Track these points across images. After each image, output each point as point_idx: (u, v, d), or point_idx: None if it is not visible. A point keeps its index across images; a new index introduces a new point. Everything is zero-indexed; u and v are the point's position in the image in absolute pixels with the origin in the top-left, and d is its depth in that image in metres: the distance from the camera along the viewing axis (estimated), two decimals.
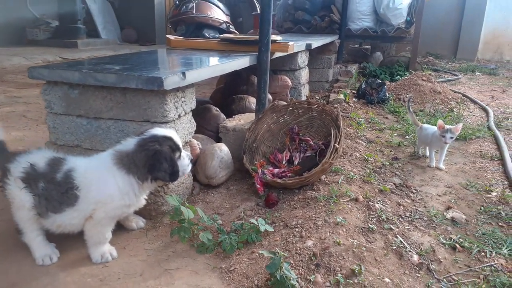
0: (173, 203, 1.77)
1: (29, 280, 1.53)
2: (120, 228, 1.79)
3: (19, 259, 1.65)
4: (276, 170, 2.40)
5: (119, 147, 1.64)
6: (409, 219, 2.00)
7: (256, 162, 2.48)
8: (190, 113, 2.19)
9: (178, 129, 2.04)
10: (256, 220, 1.81)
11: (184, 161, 1.72)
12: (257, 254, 1.67)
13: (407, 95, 4.46)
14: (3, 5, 9.12)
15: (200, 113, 2.82)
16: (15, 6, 9.42)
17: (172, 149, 1.64)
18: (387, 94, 4.49)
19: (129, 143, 1.62)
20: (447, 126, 2.57)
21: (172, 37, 3.36)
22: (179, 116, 2.03)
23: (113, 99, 1.95)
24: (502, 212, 2.10)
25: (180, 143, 1.69)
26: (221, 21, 7.24)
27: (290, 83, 3.87)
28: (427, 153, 2.83)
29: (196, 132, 2.31)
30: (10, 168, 1.57)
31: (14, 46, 8.78)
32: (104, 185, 1.56)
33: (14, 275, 1.55)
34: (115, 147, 1.66)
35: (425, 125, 2.85)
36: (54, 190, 1.54)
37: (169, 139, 1.63)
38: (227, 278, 1.57)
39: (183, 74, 1.91)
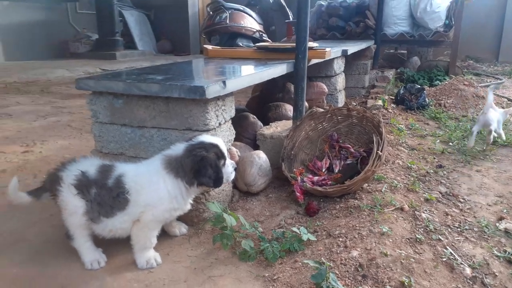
0: (215, 210, 1.78)
1: (78, 283, 1.58)
2: (163, 234, 1.81)
3: (68, 263, 1.70)
4: (315, 178, 2.37)
5: (168, 152, 1.69)
6: (459, 229, 1.91)
7: (295, 169, 2.45)
8: (230, 121, 2.20)
9: (218, 136, 2.05)
10: (298, 229, 1.79)
11: (228, 169, 1.74)
12: (300, 263, 1.64)
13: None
14: (47, 21, 9.64)
15: (237, 121, 2.83)
16: (58, 21, 9.94)
17: (218, 156, 1.67)
18: (427, 99, 4.35)
19: (178, 148, 1.67)
20: None
21: (209, 47, 3.41)
22: (220, 124, 2.05)
23: (156, 108, 1.99)
24: None
25: (225, 151, 1.73)
26: (254, 30, 7.30)
27: (326, 90, 3.83)
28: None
29: (234, 139, 2.32)
30: (62, 176, 1.64)
31: (57, 59, 9.24)
32: (154, 188, 1.61)
33: (63, 279, 1.60)
34: (164, 152, 1.71)
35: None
36: (106, 195, 1.60)
37: (215, 146, 1.67)
38: (270, 287, 1.54)
39: (224, 83, 1.93)
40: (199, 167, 1.61)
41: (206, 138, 1.70)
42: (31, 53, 9.09)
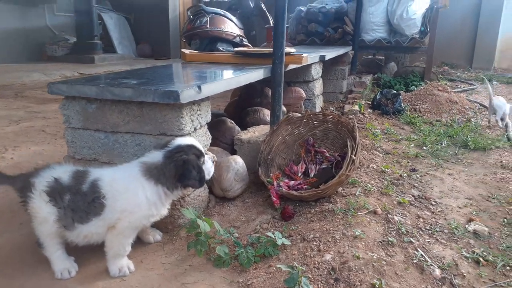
0: (189, 216, 1.77)
1: None
2: (137, 241, 1.78)
3: (38, 273, 1.66)
4: (291, 183, 2.38)
5: (145, 159, 1.67)
6: (430, 232, 1.95)
7: (271, 174, 2.46)
8: (206, 126, 2.20)
9: None
10: (273, 234, 1.79)
11: (208, 164, 1.76)
12: (274, 268, 1.65)
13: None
14: (24, 23, 9.42)
15: (215, 126, 2.83)
16: (35, 23, 9.73)
17: (197, 156, 1.69)
18: (402, 104, 4.45)
19: (155, 156, 1.66)
20: None
21: (187, 51, 3.40)
22: (195, 129, 2.04)
23: (130, 113, 1.97)
24: None
25: (202, 148, 1.75)
26: (235, 35, 7.33)
27: (304, 95, 3.87)
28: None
29: (211, 144, 2.31)
30: (34, 183, 1.59)
31: (34, 62, 9.04)
32: (132, 194, 1.59)
33: None
34: (140, 159, 1.68)
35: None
36: (81, 200, 1.56)
37: (193, 147, 1.69)
38: None
39: (199, 87, 1.93)
40: (183, 171, 1.62)
41: (181, 141, 1.70)
42: (6, 56, 8.86)
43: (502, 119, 3.86)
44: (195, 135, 2.05)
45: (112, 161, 2.05)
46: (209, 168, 1.77)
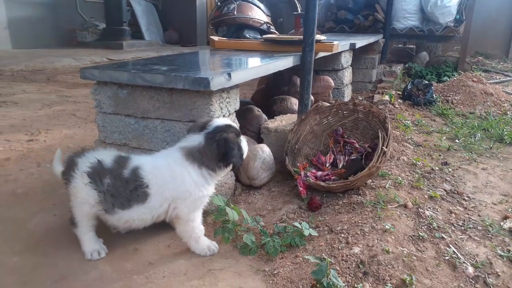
0: (218, 203, 1.77)
1: (78, 273, 1.58)
2: (164, 226, 1.80)
3: (69, 253, 1.70)
4: (319, 173, 2.35)
5: (184, 144, 1.66)
6: (462, 228, 1.89)
7: (298, 164, 2.44)
8: (234, 114, 2.19)
9: None
10: (300, 224, 1.78)
11: (244, 143, 1.75)
12: (301, 258, 1.63)
13: None
14: (55, 10, 9.63)
15: (242, 114, 2.82)
16: (66, 10, 9.93)
17: (236, 134, 1.70)
18: (434, 95, 4.30)
19: (194, 139, 1.65)
20: None
21: (215, 38, 3.39)
22: (224, 116, 2.03)
23: (160, 99, 1.98)
24: None
25: (238, 127, 1.77)
26: (262, 22, 7.25)
27: (333, 84, 3.79)
28: None
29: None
30: (78, 162, 1.61)
31: (64, 48, 9.25)
32: (180, 182, 1.60)
33: (63, 269, 1.61)
34: (180, 144, 1.68)
35: None
36: (122, 187, 1.57)
37: (230, 126, 1.69)
38: (270, 282, 1.54)
39: (229, 75, 1.91)
40: (225, 150, 1.62)
41: (219, 121, 1.69)
42: (38, 41, 9.10)
43: None
44: None
45: (142, 146, 2.08)
46: (245, 146, 1.76)
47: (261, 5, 7.78)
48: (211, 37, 3.47)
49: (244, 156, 1.74)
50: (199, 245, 1.70)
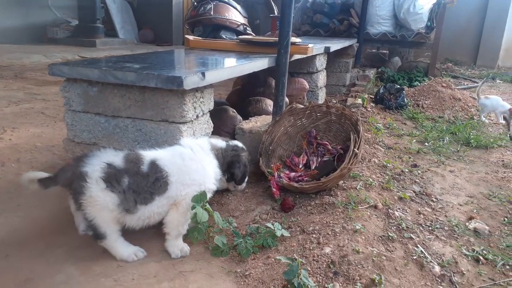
0: (193, 201, 1.73)
1: (43, 276, 1.53)
2: (135, 230, 1.76)
3: (34, 255, 1.64)
4: (292, 174, 2.36)
5: (211, 140, 1.93)
6: (430, 228, 1.94)
7: (272, 165, 2.44)
8: (208, 114, 2.17)
9: (195, 129, 2.02)
10: (272, 225, 1.78)
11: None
12: (273, 259, 1.63)
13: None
14: (25, 4, 9.30)
15: (216, 114, 2.80)
16: (37, 4, 9.61)
17: (248, 160, 2.04)
18: (405, 99, 4.41)
19: (219, 143, 1.94)
20: None
21: (191, 37, 3.35)
22: (197, 116, 2.02)
23: (132, 97, 1.94)
24: None
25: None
26: (239, 23, 7.25)
27: (307, 86, 3.83)
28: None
29: (212, 133, 2.29)
30: (87, 172, 1.54)
31: (35, 44, 8.94)
32: (201, 168, 1.73)
33: (28, 272, 1.55)
34: (208, 139, 1.95)
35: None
36: (143, 181, 1.59)
37: (246, 152, 2.06)
38: (242, 283, 1.53)
39: (203, 74, 1.89)
40: (233, 161, 1.94)
41: (239, 143, 2.06)
42: (6, 37, 8.76)
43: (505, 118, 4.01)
44: (197, 123, 2.03)
45: (112, 145, 2.03)
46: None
47: (238, 7, 7.78)
48: (186, 36, 3.44)
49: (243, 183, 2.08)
50: (175, 242, 1.69)
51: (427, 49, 6.60)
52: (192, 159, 1.71)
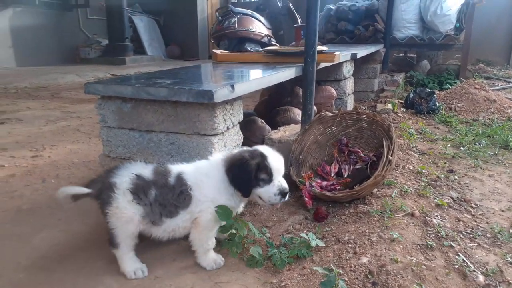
0: (223, 219, 1.72)
1: None
2: (168, 241, 1.79)
3: (75, 269, 1.69)
4: (324, 183, 2.34)
5: (229, 152, 1.73)
6: (471, 236, 1.87)
7: (303, 174, 2.43)
8: (238, 125, 2.19)
9: (226, 141, 2.04)
10: (306, 234, 1.76)
11: (272, 189, 1.65)
12: (309, 270, 1.61)
13: None
14: (58, 27, 9.78)
15: (245, 125, 2.82)
16: (69, 27, 10.08)
17: (259, 167, 1.62)
18: (437, 103, 4.30)
19: (238, 150, 1.73)
20: None
21: (218, 51, 3.41)
22: (228, 128, 2.04)
23: (164, 112, 1.99)
24: None
25: (275, 168, 1.65)
26: (263, 35, 7.32)
27: (335, 94, 3.80)
28: None
29: (242, 144, 2.31)
30: (115, 183, 1.59)
31: (68, 65, 9.35)
32: (213, 181, 1.63)
33: (70, 285, 1.59)
34: (224, 153, 1.75)
35: None
36: (169, 194, 1.60)
37: (263, 157, 1.64)
38: None
39: (232, 86, 1.92)
40: (232, 166, 1.63)
41: (262, 148, 1.71)
42: (42, 59, 9.21)
43: None
44: (227, 134, 2.05)
45: (147, 159, 2.08)
46: (270, 192, 1.65)
47: (262, 18, 7.87)
48: (213, 50, 3.51)
49: (268, 201, 1.66)
50: (206, 257, 1.69)
51: (457, 50, 6.43)
52: (205, 174, 1.65)
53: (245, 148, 1.75)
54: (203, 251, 1.68)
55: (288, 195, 1.70)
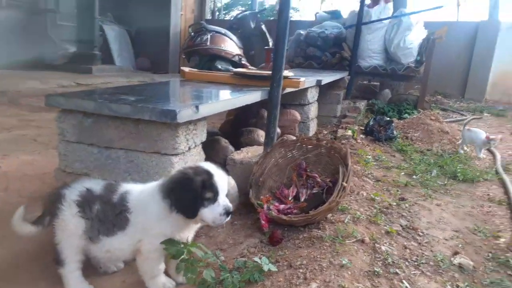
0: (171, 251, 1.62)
1: None
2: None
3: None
4: (282, 206, 2.39)
5: (170, 174, 1.64)
6: (416, 263, 1.96)
7: (262, 197, 2.47)
8: (200, 145, 2.22)
9: (187, 161, 2.06)
10: (260, 259, 1.79)
11: (217, 209, 1.54)
12: None
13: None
14: (24, 31, 9.47)
15: (208, 144, 2.84)
16: (35, 32, 9.77)
17: (204, 185, 1.51)
18: (395, 132, 4.51)
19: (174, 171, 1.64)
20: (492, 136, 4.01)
21: (186, 69, 3.45)
22: (189, 148, 2.06)
23: (126, 129, 1.99)
24: (510, 260, 2.06)
25: (221, 186, 1.55)
26: (234, 54, 7.43)
27: (299, 118, 3.91)
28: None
29: None
30: (65, 194, 1.57)
31: (31, 70, 9.03)
32: (149, 209, 1.55)
33: None
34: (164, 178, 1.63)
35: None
36: (110, 211, 1.55)
37: (208, 174, 1.53)
38: None
39: (197, 107, 1.95)
40: (173, 185, 1.51)
41: (206, 165, 1.60)
42: (2, 62, 8.86)
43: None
44: (188, 154, 2.07)
45: (103, 176, 2.05)
46: (215, 212, 1.54)
47: (234, 38, 7.99)
48: (182, 68, 3.54)
49: (213, 222, 1.55)
50: (154, 281, 1.65)
51: (417, 82, 6.80)
52: (145, 200, 1.55)
53: (186, 165, 1.66)
54: (150, 277, 1.65)
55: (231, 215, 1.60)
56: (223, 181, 1.58)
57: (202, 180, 1.50)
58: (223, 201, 1.57)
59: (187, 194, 1.49)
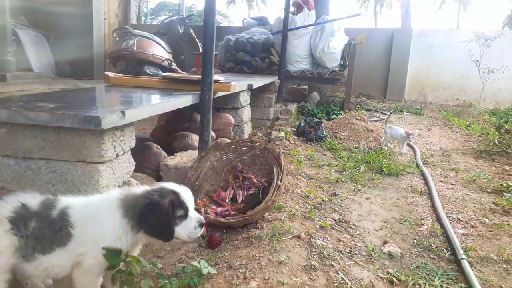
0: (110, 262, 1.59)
1: None
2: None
3: None
4: (219, 209, 2.37)
5: (132, 189, 1.55)
6: (349, 254, 2.06)
7: (199, 201, 2.43)
8: (129, 152, 2.12)
9: (115, 169, 1.96)
10: (199, 263, 1.75)
11: (190, 223, 1.54)
12: None
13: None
14: None
15: (139, 151, 2.74)
16: None
17: (174, 205, 1.49)
18: (324, 132, 4.71)
19: (141, 189, 1.54)
20: (410, 131, 4.30)
21: (111, 74, 3.29)
22: (117, 155, 1.96)
23: (45, 138, 1.84)
24: (432, 245, 2.24)
25: (189, 202, 1.54)
26: (163, 58, 7.25)
27: (233, 121, 3.92)
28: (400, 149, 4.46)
29: (135, 170, 2.23)
30: None
31: None
32: (101, 220, 1.46)
33: None
34: (129, 188, 1.56)
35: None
36: (48, 227, 1.42)
37: (174, 193, 1.51)
38: None
39: (123, 113, 1.86)
40: (143, 212, 1.44)
41: (169, 185, 1.56)
42: None
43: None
44: (117, 162, 1.97)
45: (23, 189, 1.87)
46: (190, 227, 1.54)
47: (162, 42, 7.81)
48: (106, 73, 3.37)
49: (188, 237, 1.55)
50: None
51: (342, 85, 7.18)
52: (94, 214, 1.48)
53: (146, 188, 1.56)
54: None
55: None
56: (190, 196, 1.57)
57: (171, 201, 1.48)
58: (194, 214, 1.56)
59: (159, 219, 1.46)
